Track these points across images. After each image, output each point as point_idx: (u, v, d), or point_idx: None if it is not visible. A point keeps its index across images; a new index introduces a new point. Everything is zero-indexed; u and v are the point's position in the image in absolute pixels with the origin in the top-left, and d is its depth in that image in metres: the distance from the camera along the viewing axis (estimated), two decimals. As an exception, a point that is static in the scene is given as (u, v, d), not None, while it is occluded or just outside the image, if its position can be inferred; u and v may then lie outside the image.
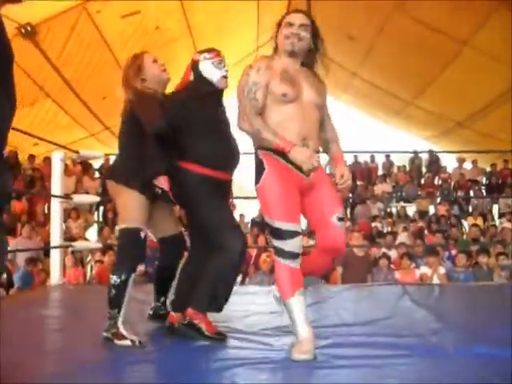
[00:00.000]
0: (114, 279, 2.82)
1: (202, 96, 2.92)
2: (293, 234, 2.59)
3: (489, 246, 7.75)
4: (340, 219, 2.67)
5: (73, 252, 6.39)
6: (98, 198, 5.15)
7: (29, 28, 7.73)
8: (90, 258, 8.04)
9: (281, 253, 2.60)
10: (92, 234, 9.73)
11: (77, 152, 4.88)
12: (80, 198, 4.99)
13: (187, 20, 9.12)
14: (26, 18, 7.62)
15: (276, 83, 2.60)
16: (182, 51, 9.76)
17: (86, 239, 8.32)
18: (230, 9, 9.46)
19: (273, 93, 2.60)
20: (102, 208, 10.19)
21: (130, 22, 8.49)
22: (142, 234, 2.85)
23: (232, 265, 2.85)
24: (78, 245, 5.04)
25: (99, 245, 5.65)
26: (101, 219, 10.06)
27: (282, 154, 2.55)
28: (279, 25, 2.69)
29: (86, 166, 10.05)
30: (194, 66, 2.98)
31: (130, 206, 2.87)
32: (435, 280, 6.35)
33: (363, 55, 10.69)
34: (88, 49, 8.59)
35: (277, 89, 2.60)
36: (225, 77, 2.96)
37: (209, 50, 3.02)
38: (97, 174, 10.85)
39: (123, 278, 2.81)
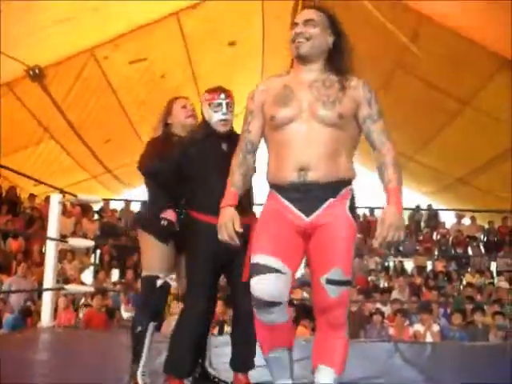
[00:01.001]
0: (134, 329, 2.81)
1: (202, 140, 2.82)
2: (262, 269, 2.12)
3: (485, 304, 7.69)
4: (330, 282, 2.13)
5: (66, 294, 6.35)
6: (92, 243, 5.16)
7: (37, 71, 7.89)
8: (83, 300, 7.99)
9: (253, 301, 2.16)
10: (87, 276, 9.68)
11: (75, 196, 4.92)
12: (76, 242, 5.01)
13: (192, 69, 9.32)
14: (34, 60, 7.80)
15: (268, 105, 2.25)
16: (186, 99, 9.95)
17: (80, 282, 8.27)
18: (235, 60, 9.68)
19: (265, 118, 2.26)
20: (98, 251, 10.17)
21: (136, 68, 8.67)
22: (159, 282, 2.80)
23: (188, 326, 2.68)
24: (71, 288, 5.03)
25: (91, 289, 5.63)
26: (97, 262, 10.03)
27: (279, 190, 2.22)
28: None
29: (85, 207, 10.08)
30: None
31: (148, 252, 2.87)
32: (429, 338, 6.28)
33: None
34: (94, 93, 8.74)
35: (267, 112, 2.25)
36: (222, 120, 2.78)
37: (210, 90, 2.88)
38: (96, 217, 10.87)
39: (141, 327, 2.79)
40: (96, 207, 11.05)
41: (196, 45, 8.80)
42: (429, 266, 11.29)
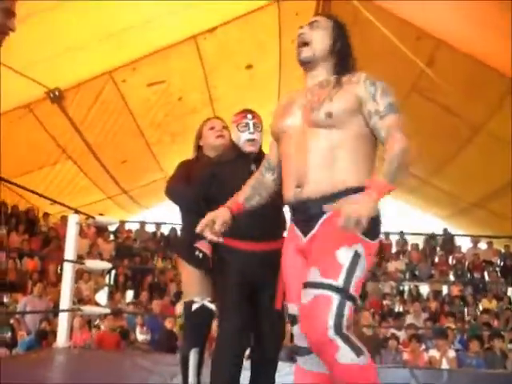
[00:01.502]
0: (180, 354, 2.85)
1: (231, 161, 2.78)
2: (294, 321, 2.03)
3: (503, 330, 7.60)
4: (304, 285, 1.87)
5: (81, 315, 6.37)
6: (109, 265, 5.18)
7: (57, 93, 8.03)
8: (97, 321, 8.01)
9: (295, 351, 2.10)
10: (102, 296, 9.71)
11: (92, 217, 4.95)
12: (93, 264, 5.03)
13: (209, 92, 9.40)
14: (55, 83, 7.94)
15: (274, 121, 2.15)
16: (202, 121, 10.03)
17: (95, 302, 8.31)
18: (252, 83, 9.75)
19: None
20: (113, 271, 10.21)
21: (153, 90, 8.78)
22: (194, 307, 2.80)
23: (223, 347, 2.61)
24: (87, 309, 5.04)
25: (107, 310, 5.64)
26: (112, 282, 10.06)
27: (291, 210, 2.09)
28: None
29: (100, 228, 10.15)
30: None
31: (184, 278, 2.89)
32: (444, 364, 6.21)
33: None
34: (111, 115, 8.85)
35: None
36: (250, 140, 2.77)
37: (237, 113, 2.88)
38: (111, 237, 10.93)
39: (184, 353, 2.82)
40: (111, 228, 11.13)
41: (213, 68, 8.90)
42: (444, 290, 11.19)
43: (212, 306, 2.83)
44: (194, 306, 2.78)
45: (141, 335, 7.09)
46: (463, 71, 8.30)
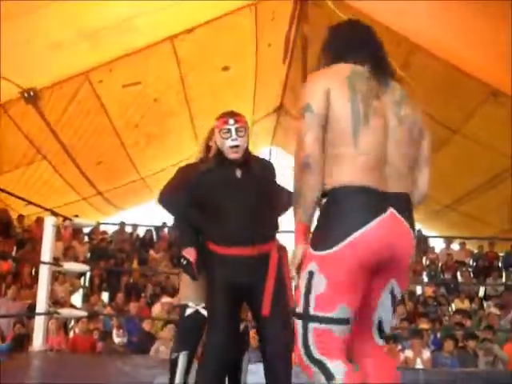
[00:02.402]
0: (170, 356, 2.87)
1: (215, 168, 2.76)
2: None
3: (476, 329, 7.73)
4: None
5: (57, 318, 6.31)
6: (87, 267, 5.14)
7: (32, 93, 7.93)
8: (73, 323, 7.94)
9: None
10: (77, 299, 9.61)
11: (70, 219, 4.93)
12: (71, 266, 5.01)
13: (186, 93, 9.39)
14: (30, 83, 7.84)
15: None
16: (178, 124, 10.03)
17: (71, 304, 8.23)
18: (229, 85, 9.77)
19: None
20: (88, 273, 10.12)
21: (129, 91, 8.73)
22: (188, 311, 2.82)
23: (209, 362, 2.61)
24: (65, 312, 5.01)
25: (85, 313, 5.60)
26: (87, 284, 9.96)
27: None
28: None
29: (75, 230, 10.05)
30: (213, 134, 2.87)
31: (182, 281, 2.90)
32: (419, 364, 6.29)
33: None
34: (87, 115, 8.78)
35: None
36: (233, 146, 2.69)
37: (219, 117, 2.79)
38: (86, 239, 10.83)
39: (174, 356, 2.83)
40: (86, 230, 11.02)
41: (190, 69, 8.89)
42: (418, 290, 11.31)
43: (205, 313, 2.82)
44: (188, 311, 2.81)
45: (117, 338, 7.04)
46: (439, 76, 8.42)
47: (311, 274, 1.87)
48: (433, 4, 7.23)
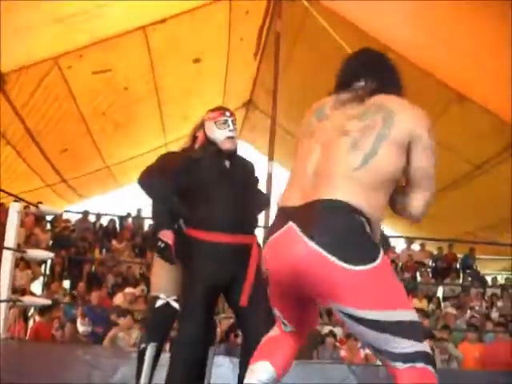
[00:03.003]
0: (138, 347, 2.85)
1: (205, 157, 2.82)
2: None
3: (433, 329, 7.91)
4: None
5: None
6: (51, 254, 5.05)
7: (-2, 76, 7.76)
8: (32, 311, 7.82)
9: (424, 357, 1.78)
10: (37, 287, 9.46)
11: (36, 206, 4.85)
12: (34, 253, 4.92)
13: (156, 83, 9.31)
14: (-4, 65, 7.68)
15: None
16: (146, 114, 9.95)
17: (31, 292, 8.10)
18: (199, 77, 9.74)
19: None
20: (49, 261, 9.97)
21: (99, 78, 8.62)
22: (159, 303, 2.79)
23: (181, 354, 2.63)
24: (28, 300, 4.92)
25: (48, 301, 5.52)
26: (47, 272, 9.82)
27: None
28: None
29: (38, 217, 9.88)
30: (203, 126, 2.93)
31: (153, 270, 2.88)
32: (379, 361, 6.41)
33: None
34: (54, 101, 8.63)
35: None
36: (230, 137, 2.80)
37: (214, 109, 2.90)
38: (48, 227, 10.66)
39: (141, 347, 2.81)
40: (48, 217, 10.85)
41: (161, 59, 8.82)
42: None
43: (176, 305, 2.83)
44: (158, 303, 2.80)
45: (82, 326, 6.97)
46: (406, 78, 8.52)
47: None
48: (405, 4, 7.34)
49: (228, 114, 2.83)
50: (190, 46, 8.81)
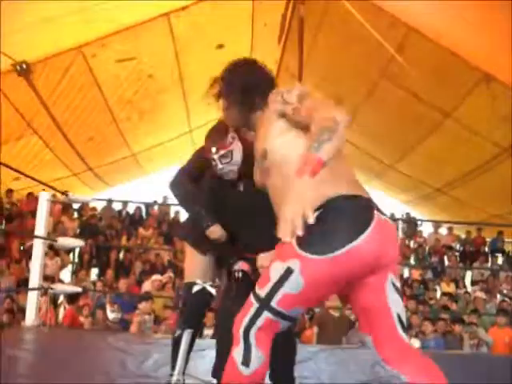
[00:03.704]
0: (174, 334, 2.84)
1: (218, 187, 2.77)
2: None
3: (462, 314, 7.84)
4: None
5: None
6: (81, 242, 5.10)
7: (24, 66, 7.82)
8: (62, 299, 7.92)
9: None
10: (66, 274, 9.60)
11: (66, 195, 4.89)
12: (64, 241, 4.98)
13: (180, 70, 9.31)
14: (22, 55, 7.73)
15: None
16: (171, 101, 9.96)
17: (60, 280, 8.21)
18: (223, 63, 9.68)
19: None
20: (77, 249, 10.09)
21: (123, 67, 8.64)
22: (195, 289, 2.81)
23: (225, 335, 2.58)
24: (59, 288, 4.99)
25: (79, 289, 5.59)
26: (76, 260, 9.95)
27: None
28: None
29: (65, 206, 10.00)
30: None
31: (188, 260, 2.89)
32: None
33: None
34: (80, 90, 8.69)
35: None
36: (223, 173, 2.67)
37: (206, 139, 2.75)
38: (75, 215, 10.78)
39: (177, 333, 2.82)
40: (75, 205, 10.97)
41: (185, 46, 8.80)
42: (405, 273, 11.41)
43: (213, 290, 2.85)
44: (195, 288, 2.80)
45: (112, 314, 7.05)
46: (432, 59, 8.41)
47: (289, 271, 1.80)
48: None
49: (213, 149, 2.66)
50: (213, 32, 8.77)
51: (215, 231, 2.71)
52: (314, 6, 8.50)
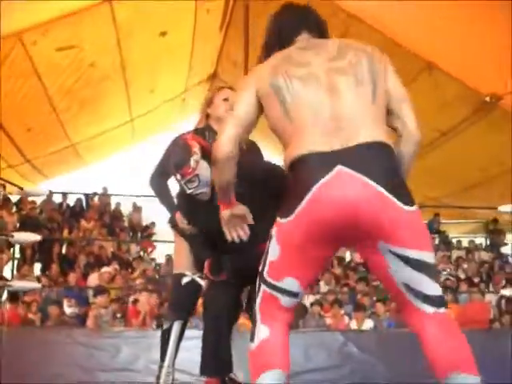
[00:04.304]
0: (162, 326, 2.83)
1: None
2: None
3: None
4: None
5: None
6: (38, 237, 4.92)
7: (-41, 53, 7.43)
8: (5, 296, 7.64)
9: (445, 303, 1.94)
10: (6, 271, 9.22)
11: (21, 188, 4.72)
12: (22, 236, 4.79)
13: (122, 58, 9.09)
14: (-44, 42, 7.34)
15: None
16: (113, 90, 9.74)
17: (2, 277, 7.90)
18: (165, 50, 9.57)
19: None
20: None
21: (65, 55, 8.35)
22: (185, 280, 2.77)
23: (210, 325, 2.66)
24: (16, 285, 4.80)
25: (38, 285, 5.42)
26: (17, 255, 9.59)
27: None
28: None
29: (4, 199, 9.62)
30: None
31: (176, 250, 2.86)
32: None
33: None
34: (18, 79, 8.34)
35: None
36: (195, 194, 2.62)
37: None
38: (14, 209, 10.38)
39: (166, 326, 2.79)
40: (14, 199, 10.56)
41: (128, 34, 8.58)
42: (348, 257, 11.64)
43: (202, 282, 2.82)
44: (184, 280, 2.77)
45: (69, 308, 6.87)
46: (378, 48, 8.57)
47: (271, 237, 1.92)
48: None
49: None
50: (156, 19, 8.60)
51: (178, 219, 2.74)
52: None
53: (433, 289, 1.83)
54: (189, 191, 2.61)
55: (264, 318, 1.91)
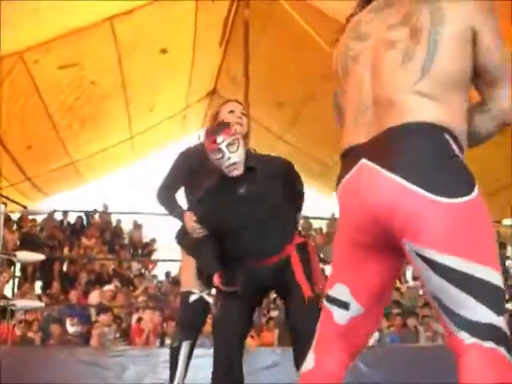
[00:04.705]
0: (171, 344, 2.82)
1: (215, 187, 2.66)
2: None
3: (414, 308, 8.09)
4: None
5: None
6: (42, 256, 4.90)
7: (-40, 72, 7.46)
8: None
9: (496, 336, 1.35)
10: (6, 290, 9.17)
11: (25, 207, 4.70)
12: (25, 256, 4.76)
13: (123, 76, 9.12)
14: (-42, 61, 7.37)
15: None
16: (113, 107, 9.77)
17: (4, 296, 7.87)
18: (165, 67, 9.61)
19: None
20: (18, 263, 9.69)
21: (66, 73, 8.38)
22: (192, 298, 2.75)
23: (221, 342, 2.59)
24: (21, 304, 4.77)
25: (41, 304, 5.38)
26: (18, 274, 9.54)
27: None
28: None
29: (5, 218, 9.57)
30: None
31: (183, 267, 2.84)
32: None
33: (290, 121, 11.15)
34: (20, 97, 8.36)
35: None
36: (229, 166, 2.53)
37: (206, 133, 2.62)
38: (15, 227, 10.36)
39: (174, 344, 2.78)
40: (14, 217, 10.53)
41: (128, 52, 8.62)
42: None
43: (210, 299, 2.80)
44: (192, 298, 2.75)
45: (72, 327, 6.82)
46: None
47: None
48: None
49: (220, 139, 2.51)
50: (156, 36, 8.65)
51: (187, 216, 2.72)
52: (258, 9, 8.51)
53: (479, 313, 1.35)
54: (228, 155, 2.50)
55: (316, 342, 1.66)
